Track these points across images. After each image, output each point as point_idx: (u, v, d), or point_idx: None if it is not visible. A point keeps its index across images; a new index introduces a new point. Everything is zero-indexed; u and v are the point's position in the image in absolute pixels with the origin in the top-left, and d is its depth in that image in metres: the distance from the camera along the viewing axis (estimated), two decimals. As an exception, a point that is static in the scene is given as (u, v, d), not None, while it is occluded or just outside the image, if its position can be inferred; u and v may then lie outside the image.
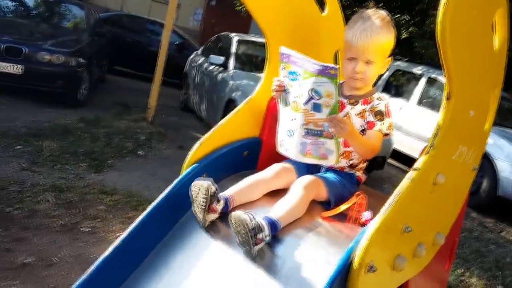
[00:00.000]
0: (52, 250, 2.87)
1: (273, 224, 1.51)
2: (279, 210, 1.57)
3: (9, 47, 6.07)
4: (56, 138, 4.99)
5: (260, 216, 1.51)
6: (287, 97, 1.72)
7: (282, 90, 1.72)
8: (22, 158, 4.28)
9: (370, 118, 1.78)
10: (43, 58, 6.24)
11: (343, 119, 1.63)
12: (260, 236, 1.46)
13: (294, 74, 1.66)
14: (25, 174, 3.94)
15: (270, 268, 1.48)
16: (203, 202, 1.58)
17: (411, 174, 1.41)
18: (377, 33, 1.71)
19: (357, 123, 1.78)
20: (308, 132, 1.68)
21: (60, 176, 4.04)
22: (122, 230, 3.08)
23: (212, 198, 1.59)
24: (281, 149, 1.80)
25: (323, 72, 1.58)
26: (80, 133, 5.37)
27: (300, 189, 1.64)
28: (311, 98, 1.63)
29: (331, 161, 1.72)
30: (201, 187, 1.58)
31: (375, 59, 1.75)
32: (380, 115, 1.78)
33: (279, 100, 1.76)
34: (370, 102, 1.80)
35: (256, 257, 1.49)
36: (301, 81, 1.64)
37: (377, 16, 1.75)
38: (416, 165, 1.42)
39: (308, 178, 1.71)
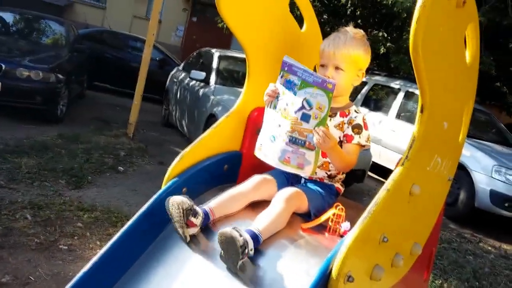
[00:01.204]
0: (28, 268, 2.81)
1: (255, 238, 1.52)
2: (261, 223, 1.58)
3: (-14, 63, 5.99)
4: (35, 155, 4.92)
5: (242, 230, 1.51)
6: (278, 104, 1.75)
7: (275, 96, 1.75)
8: (-1, 175, 4.21)
9: (348, 131, 1.82)
10: (21, 75, 6.17)
11: (328, 133, 1.67)
12: (246, 251, 1.47)
13: (290, 83, 1.72)
14: (2, 191, 3.86)
15: (252, 281, 1.48)
16: (178, 218, 1.58)
17: (387, 185, 1.44)
18: (346, 43, 1.81)
19: (335, 134, 1.82)
20: (291, 140, 1.71)
21: (39, 193, 3.97)
22: (100, 248, 3.03)
23: (187, 212, 1.59)
24: (259, 153, 1.81)
25: (321, 84, 1.66)
26: (59, 150, 5.29)
27: (282, 201, 1.66)
28: (302, 108, 1.68)
29: (306, 172, 1.74)
30: (173, 203, 1.59)
31: (344, 67, 1.82)
32: (358, 128, 1.82)
33: (269, 105, 1.79)
34: (348, 115, 1.85)
35: (237, 270, 1.49)
36: (296, 90, 1.69)
37: (351, 30, 1.85)
38: (392, 176, 1.45)
39: (290, 190, 1.72)
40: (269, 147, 1.77)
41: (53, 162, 4.82)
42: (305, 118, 1.68)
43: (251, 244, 1.49)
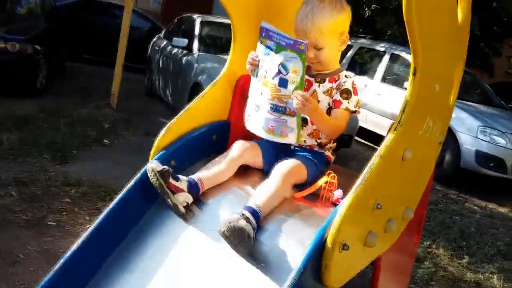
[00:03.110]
0: (17, 246, 2.76)
1: (255, 215, 1.49)
2: (260, 198, 1.54)
3: (-41, 36, 5.76)
4: (16, 130, 4.80)
5: (246, 211, 1.47)
6: (259, 72, 1.72)
7: (256, 64, 1.71)
8: (-20, 152, 4.10)
9: (337, 96, 1.78)
10: (-4, 47, 5.96)
11: (307, 96, 1.62)
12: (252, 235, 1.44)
13: (268, 49, 1.67)
14: (-16, 168, 3.78)
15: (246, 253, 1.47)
16: (157, 184, 1.57)
17: (380, 151, 1.41)
18: (317, 17, 1.69)
19: (324, 101, 1.78)
20: (272, 108, 1.69)
21: (23, 169, 3.88)
22: (90, 223, 3.01)
23: (163, 175, 1.57)
24: (248, 125, 1.81)
25: (293, 46, 1.60)
26: (41, 123, 5.17)
27: (281, 177, 1.61)
28: (279, 73, 1.64)
29: (291, 139, 1.72)
30: (149, 170, 1.59)
31: (323, 43, 1.73)
32: (346, 93, 1.77)
33: (252, 74, 1.76)
34: (337, 80, 1.80)
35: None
36: (273, 56, 1.65)
37: None
38: (385, 142, 1.43)
39: (290, 163, 1.67)
40: (255, 117, 1.76)
41: (36, 136, 4.71)
42: (283, 83, 1.64)
43: (254, 223, 1.46)
